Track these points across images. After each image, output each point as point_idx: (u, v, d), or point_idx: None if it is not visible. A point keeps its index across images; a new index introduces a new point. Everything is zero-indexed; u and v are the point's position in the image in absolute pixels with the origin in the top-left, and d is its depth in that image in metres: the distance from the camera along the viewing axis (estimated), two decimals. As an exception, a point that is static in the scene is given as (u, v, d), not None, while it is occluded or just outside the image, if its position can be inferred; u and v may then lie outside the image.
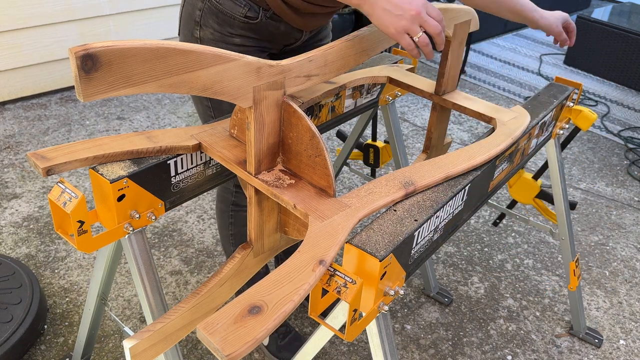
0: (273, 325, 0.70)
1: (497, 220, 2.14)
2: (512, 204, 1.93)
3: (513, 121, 1.21)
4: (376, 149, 1.88)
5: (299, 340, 1.67)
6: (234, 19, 1.20)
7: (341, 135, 2.00)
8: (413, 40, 0.94)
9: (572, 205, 1.76)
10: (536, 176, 1.72)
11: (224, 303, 1.11)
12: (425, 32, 0.94)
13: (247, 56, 0.86)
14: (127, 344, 0.95)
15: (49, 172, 0.96)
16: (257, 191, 1.01)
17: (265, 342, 1.66)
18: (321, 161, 0.94)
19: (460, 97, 1.31)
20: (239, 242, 1.52)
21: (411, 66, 1.51)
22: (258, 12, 1.20)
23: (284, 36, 1.28)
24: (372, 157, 1.91)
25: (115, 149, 1.02)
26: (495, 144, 1.11)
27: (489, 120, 1.24)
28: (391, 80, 1.42)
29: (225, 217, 1.48)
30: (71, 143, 1.03)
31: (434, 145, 1.42)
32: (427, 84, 1.37)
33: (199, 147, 1.08)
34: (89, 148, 1.02)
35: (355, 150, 1.94)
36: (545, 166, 1.66)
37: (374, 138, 1.90)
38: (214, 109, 1.32)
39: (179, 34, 1.31)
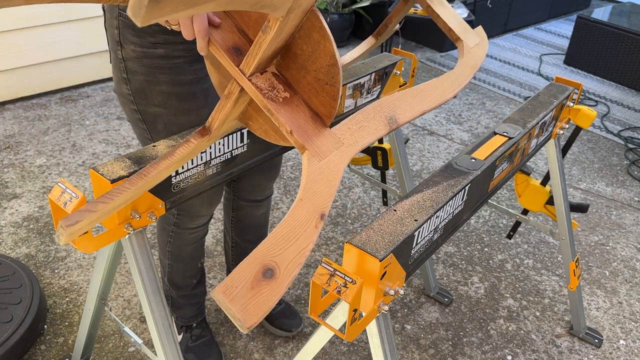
0: (284, 291, 0.72)
1: (512, 232, 2.02)
2: (525, 211, 1.84)
3: (476, 49, 1.18)
4: (384, 151, 1.85)
5: (210, 346, 1.66)
6: (150, 25, 1.10)
7: None
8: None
9: (584, 208, 1.73)
10: (544, 182, 1.68)
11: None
12: None
13: None
14: (63, 223, 0.89)
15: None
16: (241, 90, 0.92)
17: (179, 337, 1.67)
18: (331, 91, 0.88)
19: (437, 2, 1.23)
20: (176, 258, 1.52)
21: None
22: None
23: None
24: (380, 160, 1.87)
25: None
26: (463, 78, 1.10)
27: (456, 39, 1.20)
28: (378, 33, 1.36)
29: (164, 234, 1.49)
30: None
31: (387, 33, 1.36)
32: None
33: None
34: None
35: (363, 155, 1.92)
36: None
37: (381, 140, 1.88)
38: (150, 130, 1.25)
39: (110, 62, 1.23)
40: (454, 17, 1.23)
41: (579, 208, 1.74)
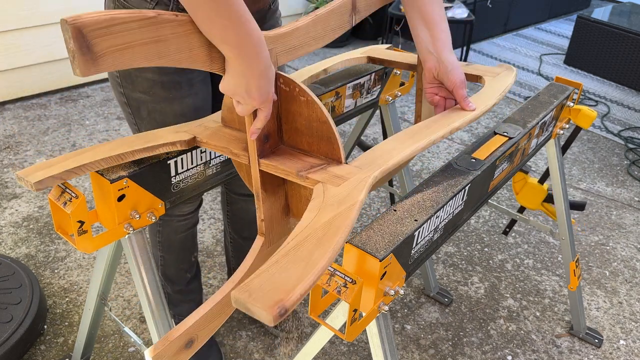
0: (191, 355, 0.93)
1: (507, 229, 2.05)
2: (521, 209, 1.86)
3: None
4: None
5: (210, 346, 1.67)
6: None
7: (361, 145, 1.95)
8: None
9: (582, 206, 1.73)
10: (542, 180, 1.68)
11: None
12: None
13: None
14: (35, 186, 0.89)
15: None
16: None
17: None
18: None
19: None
20: (167, 249, 1.52)
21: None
22: (168, 3, 1.11)
23: None
24: None
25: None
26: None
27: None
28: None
29: (154, 224, 1.48)
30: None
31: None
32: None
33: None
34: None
35: None
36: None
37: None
38: (134, 115, 1.25)
39: None
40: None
41: (576, 206, 1.74)
